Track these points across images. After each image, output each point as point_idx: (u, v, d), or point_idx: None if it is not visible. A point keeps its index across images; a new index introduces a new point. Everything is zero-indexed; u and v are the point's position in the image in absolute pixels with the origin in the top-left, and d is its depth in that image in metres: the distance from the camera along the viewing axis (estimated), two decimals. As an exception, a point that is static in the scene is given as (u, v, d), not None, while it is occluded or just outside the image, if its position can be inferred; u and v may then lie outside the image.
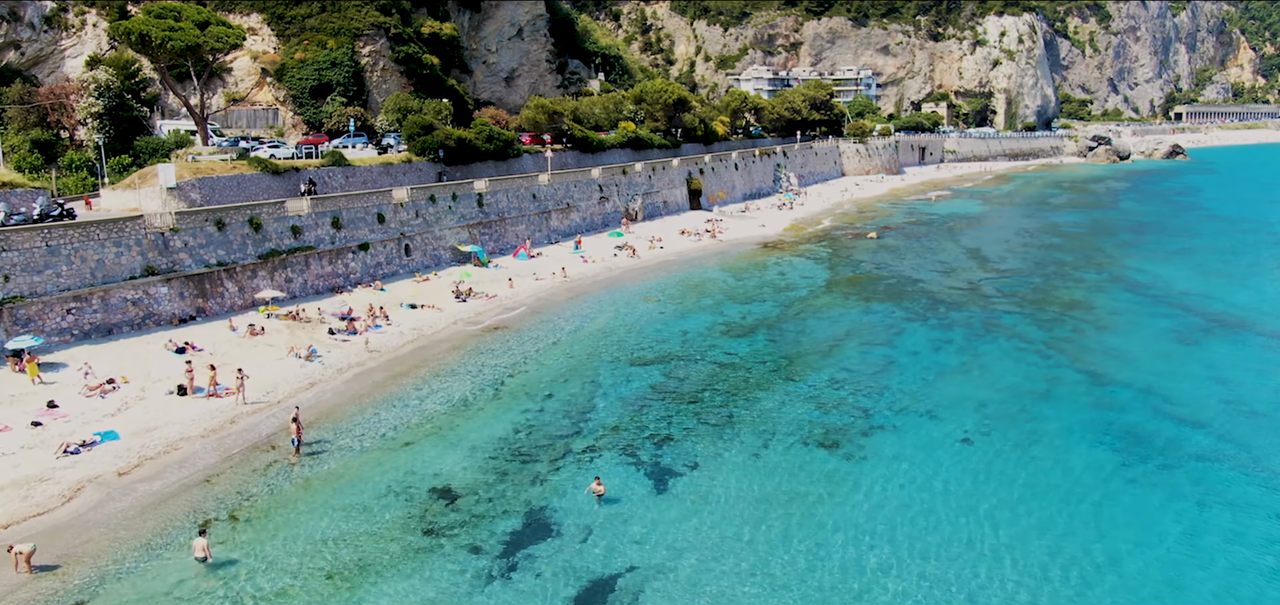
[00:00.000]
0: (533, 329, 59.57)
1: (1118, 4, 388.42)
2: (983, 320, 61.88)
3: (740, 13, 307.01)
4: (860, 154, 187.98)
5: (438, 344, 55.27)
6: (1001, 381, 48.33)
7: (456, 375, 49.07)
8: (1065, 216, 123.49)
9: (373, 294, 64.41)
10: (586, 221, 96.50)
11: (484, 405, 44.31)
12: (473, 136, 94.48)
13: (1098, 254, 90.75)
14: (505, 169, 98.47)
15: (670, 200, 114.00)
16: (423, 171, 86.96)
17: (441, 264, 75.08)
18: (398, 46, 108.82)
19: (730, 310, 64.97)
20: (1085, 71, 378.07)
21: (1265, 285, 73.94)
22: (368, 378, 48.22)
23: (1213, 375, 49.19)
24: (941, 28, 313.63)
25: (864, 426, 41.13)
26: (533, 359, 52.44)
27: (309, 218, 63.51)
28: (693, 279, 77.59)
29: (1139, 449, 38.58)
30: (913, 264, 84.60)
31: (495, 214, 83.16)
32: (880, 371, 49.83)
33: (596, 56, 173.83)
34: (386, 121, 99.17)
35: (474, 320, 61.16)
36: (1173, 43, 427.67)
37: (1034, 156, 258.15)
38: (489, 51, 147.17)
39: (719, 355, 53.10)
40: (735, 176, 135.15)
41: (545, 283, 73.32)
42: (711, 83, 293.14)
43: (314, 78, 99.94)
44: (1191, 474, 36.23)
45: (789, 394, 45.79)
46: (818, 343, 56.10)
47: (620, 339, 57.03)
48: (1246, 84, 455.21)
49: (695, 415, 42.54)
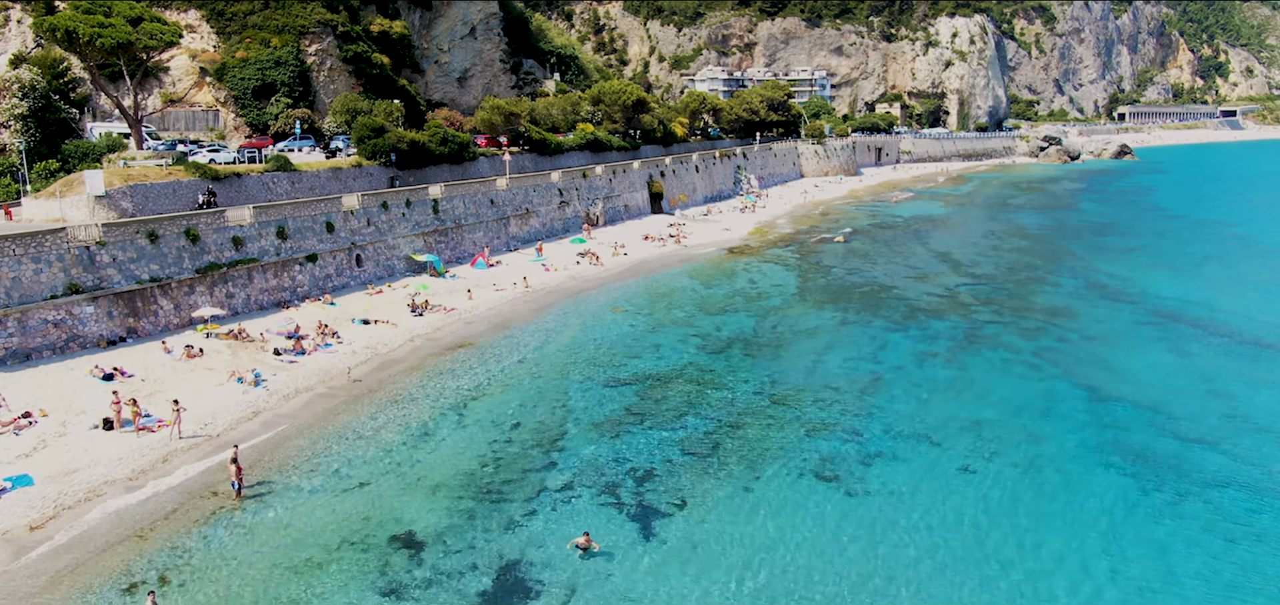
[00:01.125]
0: (495, 345, 55.88)
1: (1063, 6, 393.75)
2: (965, 330, 59.57)
3: (694, 13, 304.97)
4: (818, 155, 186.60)
5: (394, 364, 51.33)
6: (994, 398, 45.86)
7: (415, 400, 45.25)
8: (1028, 218, 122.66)
9: (322, 309, 60.16)
10: (546, 227, 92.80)
11: (447, 435, 40.58)
12: (426, 139, 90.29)
13: (1068, 257, 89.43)
14: (461, 173, 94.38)
15: (631, 204, 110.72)
16: (374, 176, 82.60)
17: (395, 275, 70.97)
18: (346, 45, 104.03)
19: (703, 322, 61.87)
20: (1032, 72, 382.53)
21: (1243, 290, 72.84)
22: (318, 405, 44.19)
23: (1209, 387, 47.24)
24: (894, 29, 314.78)
25: (859, 454, 38.22)
26: (497, 380, 48.78)
27: (252, 228, 59.06)
28: (660, 287, 74.40)
29: (1151, 474, 36.20)
30: (884, 269, 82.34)
31: (452, 221, 79.15)
32: (867, 390, 47.06)
33: (551, 56, 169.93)
34: (335, 123, 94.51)
35: (432, 337, 57.26)
36: (1115, 45, 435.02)
37: (987, 157, 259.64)
38: (441, 51, 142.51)
39: (696, 373, 49.91)
40: (696, 179, 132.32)
41: (506, 293, 69.59)
42: (666, 83, 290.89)
43: (257, 77, 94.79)
44: (1210, 503, 33.89)
45: (775, 417, 42.76)
46: (798, 358, 53.23)
47: (590, 355, 53.60)
48: (1185, 85, 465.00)
49: (678, 444, 39.29)
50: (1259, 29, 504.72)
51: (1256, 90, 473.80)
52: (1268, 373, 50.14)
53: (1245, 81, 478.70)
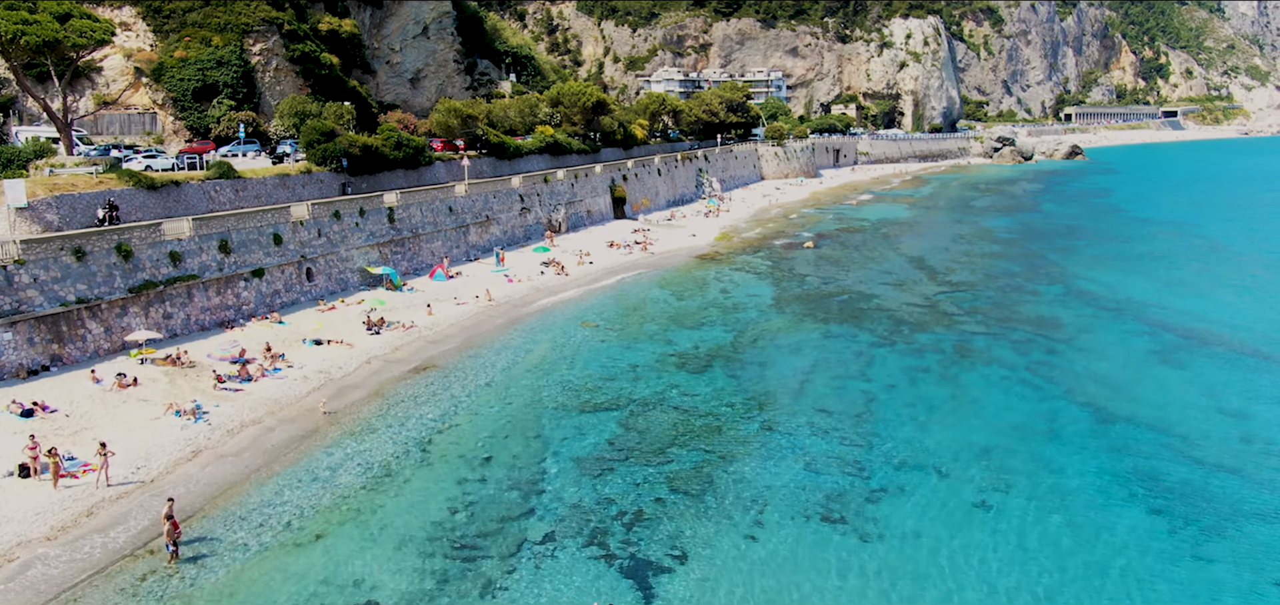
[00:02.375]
0: (460, 366, 51.97)
1: (1010, 8, 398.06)
2: (953, 344, 56.99)
3: (649, 13, 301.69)
4: (778, 157, 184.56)
5: (350, 390, 47.19)
6: (997, 420, 43.17)
7: (374, 432, 41.24)
8: (994, 221, 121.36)
9: (270, 328, 55.65)
10: (508, 235, 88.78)
11: (411, 474, 36.69)
12: (380, 143, 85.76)
13: (1042, 262, 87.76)
14: (416, 179, 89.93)
15: (594, 209, 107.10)
16: (324, 183, 77.95)
17: (349, 289, 66.58)
18: (292, 44, 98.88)
19: (679, 338, 58.53)
20: (981, 74, 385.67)
21: (1223, 296, 71.49)
22: (266, 440, 39.96)
23: (1216, 405, 45.08)
24: (849, 30, 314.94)
25: (865, 490, 35.12)
26: (464, 407, 44.93)
27: (191, 241, 54.37)
28: (630, 298, 70.95)
29: (1178, 508, 33.62)
30: (859, 277, 79.79)
31: (408, 230, 74.87)
32: (863, 414, 44.08)
33: (507, 56, 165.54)
34: (282, 127, 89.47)
35: (391, 358, 53.14)
36: (1061, 46, 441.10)
37: (943, 157, 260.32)
38: (392, 51, 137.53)
39: (678, 397, 46.52)
40: (659, 182, 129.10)
41: (468, 307, 65.60)
42: (621, 85, 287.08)
43: (197, 78, 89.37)
44: (1246, 539, 31.39)
45: (769, 448, 39.54)
46: (784, 378, 50.10)
47: (563, 377, 49.94)
48: (1128, 86, 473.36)
49: (667, 482, 35.84)
50: (1197, 31, 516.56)
51: (1195, 91, 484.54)
52: (1271, 388, 48.17)
53: (1185, 83, 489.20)
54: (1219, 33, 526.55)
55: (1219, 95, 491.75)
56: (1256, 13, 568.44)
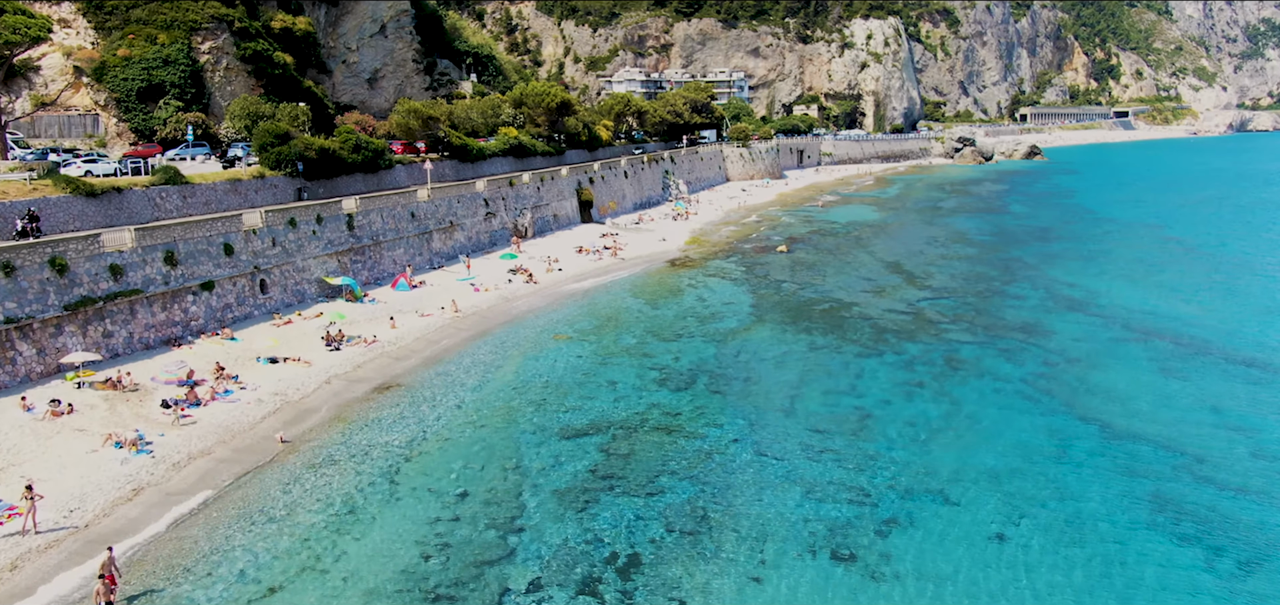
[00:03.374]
0: (427, 385, 48.71)
1: (966, 9, 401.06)
2: (942, 354, 54.87)
3: (609, 13, 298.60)
4: (743, 158, 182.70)
5: (308, 415, 43.75)
6: (999, 438, 40.95)
7: (336, 463, 37.91)
8: (965, 223, 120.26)
9: (221, 346, 51.90)
10: (472, 241, 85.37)
11: (377, 511, 33.48)
12: (337, 146, 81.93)
13: (1019, 265, 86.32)
14: (376, 183, 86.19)
15: (561, 213, 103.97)
16: (279, 189, 74.02)
17: (306, 301, 62.87)
18: (244, 42, 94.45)
19: (658, 351, 55.74)
20: (938, 74, 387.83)
21: (1207, 300, 70.39)
22: (216, 475, 36.46)
23: (1224, 420, 43.31)
24: (810, 30, 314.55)
25: (873, 522, 32.59)
26: (433, 432, 41.73)
27: (134, 253, 50.40)
28: (603, 308, 68.05)
29: (1207, 537, 31.53)
30: (837, 283, 77.66)
31: (369, 237, 71.22)
32: (859, 433, 41.63)
33: (468, 56, 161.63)
34: (233, 129, 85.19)
35: (353, 376, 49.72)
36: (1016, 47, 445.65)
37: (905, 158, 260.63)
38: (349, 50, 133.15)
39: (661, 418, 43.73)
40: (625, 185, 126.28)
41: (433, 319, 62.23)
42: (582, 85, 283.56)
43: (142, 78, 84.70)
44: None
45: (764, 475, 36.89)
46: (772, 394, 47.54)
47: (537, 397, 46.91)
48: (1081, 86, 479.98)
49: (660, 517, 33.02)
50: (1146, 33, 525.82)
51: (1145, 92, 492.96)
52: (1272, 399, 46.59)
53: (1136, 83, 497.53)
54: (1167, 34, 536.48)
55: (1168, 96, 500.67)
56: (1202, 15, 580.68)
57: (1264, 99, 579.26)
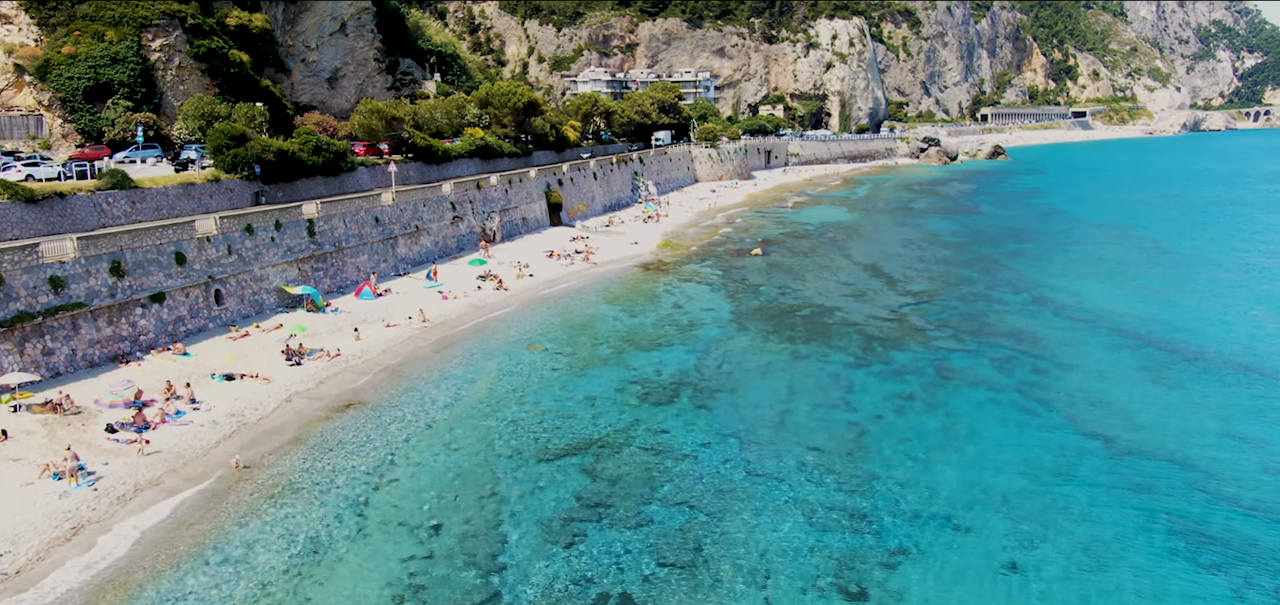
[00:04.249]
0: (395, 403, 45.85)
1: (927, 10, 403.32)
2: (932, 363, 53.04)
3: (574, 13, 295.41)
4: (712, 159, 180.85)
5: (267, 437, 40.73)
6: (1001, 455, 39.06)
7: (298, 492, 35.01)
8: (938, 224, 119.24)
9: (172, 362, 48.62)
10: (439, 246, 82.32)
11: (344, 550, 30.70)
12: (297, 148, 78.48)
13: (998, 268, 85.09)
14: (338, 186, 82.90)
15: (529, 216, 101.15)
16: (235, 193, 70.55)
17: (265, 312, 59.59)
18: (197, 40, 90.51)
19: (638, 362, 53.32)
20: (900, 75, 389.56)
21: (1190, 303, 69.44)
22: (166, 508, 33.41)
23: (1229, 431, 41.85)
24: (775, 30, 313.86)
25: (878, 552, 30.44)
26: (402, 456, 38.93)
27: (76, 264, 46.95)
28: (577, 316, 65.49)
29: (1234, 565, 29.79)
30: (816, 287, 75.78)
31: (331, 243, 68.00)
32: (854, 450, 39.52)
33: (431, 55, 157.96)
34: (186, 130, 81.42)
35: (315, 393, 46.74)
36: (976, 48, 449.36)
37: (871, 158, 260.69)
38: (308, 48, 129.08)
39: (646, 436, 41.31)
40: (595, 187, 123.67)
41: (400, 330, 59.29)
42: (547, 85, 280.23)
43: (89, 76, 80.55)
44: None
45: (761, 499, 34.60)
46: (760, 408, 45.31)
47: (513, 415, 44.27)
48: (1040, 87, 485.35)
49: (652, 549, 30.59)
50: (1102, 34, 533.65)
51: (1102, 92, 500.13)
52: (1274, 408, 45.29)
53: (1093, 84, 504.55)
54: (1122, 35, 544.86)
55: (1124, 96, 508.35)
56: (1155, 16, 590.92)
57: (1215, 99, 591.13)
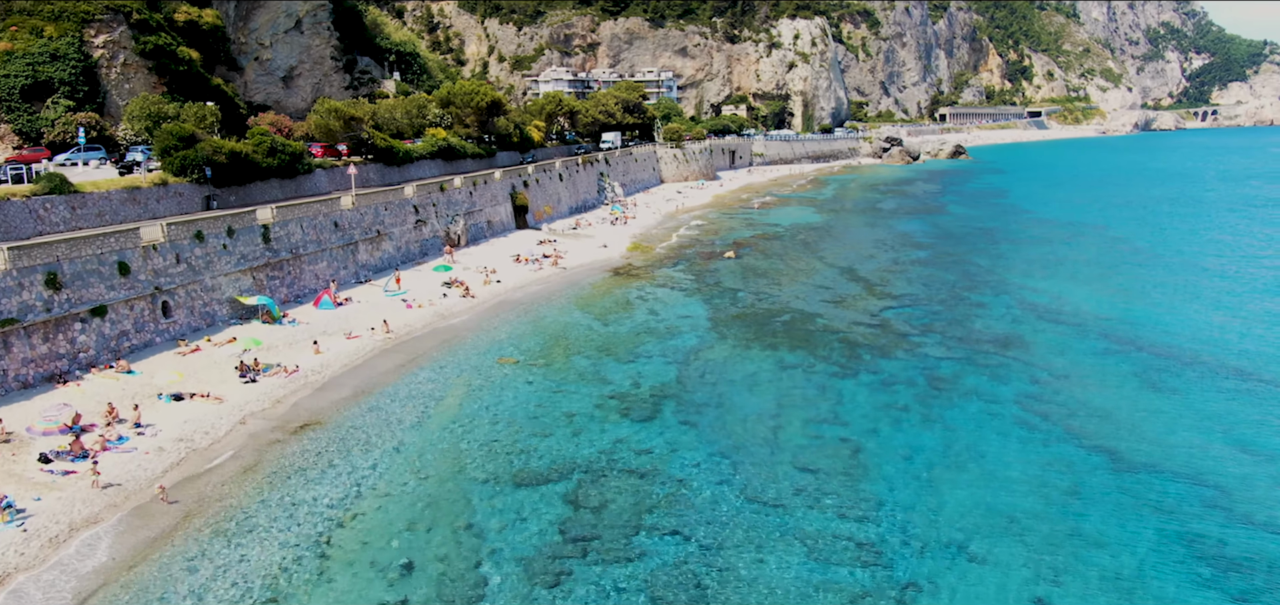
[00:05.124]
0: (358, 423, 42.75)
1: (886, 10, 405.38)
2: (921, 372, 51.06)
3: (534, 12, 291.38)
4: (677, 159, 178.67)
5: (220, 466, 37.48)
6: (1006, 474, 37.00)
7: (253, 529, 31.90)
8: (908, 225, 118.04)
9: (115, 382, 45.06)
10: (402, 252, 78.97)
11: (305, 597, 27.71)
12: (250, 149, 74.78)
13: (975, 269, 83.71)
14: (294, 190, 79.28)
15: (495, 219, 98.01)
16: (185, 197, 66.78)
17: (217, 325, 56.01)
18: (144, 36, 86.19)
19: (615, 374, 50.70)
20: (860, 75, 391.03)
21: (1173, 304, 68.43)
22: (105, 549, 30.16)
23: (1236, 442, 40.30)
24: (737, 30, 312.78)
25: (892, 590, 28.11)
26: (369, 484, 35.92)
27: (7, 277, 43.21)
28: (549, 325, 62.69)
29: (1266, 597, 27.94)
30: (793, 291, 73.72)
31: (287, 250, 64.48)
32: (853, 471, 37.25)
33: (390, 53, 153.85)
34: (132, 131, 77.32)
35: (271, 413, 43.50)
36: (934, 48, 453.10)
37: (835, 158, 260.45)
38: (262, 46, 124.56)
39: (631, 457, 38.70)
40: (561, 188, 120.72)
41: (362, 342, 56.08)
42: (508, 85, 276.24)
43: (27, 74, 76.03)
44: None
45: (759, 529, 32.13)
46: (749, 424, 42.90)
47: (486, 435, 41.41)
48: (996, 87, 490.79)
49: (645, 588, 27.98)
50: (1056, 35, 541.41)
51: (1057, 92, 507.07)
52: (1276, 416, 43.90)
53: (1047, 84, 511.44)
54: (1075, 36, 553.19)
55: (1078, 96, 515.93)
56: (1106, 17, 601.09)
57: (1165, 99, 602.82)
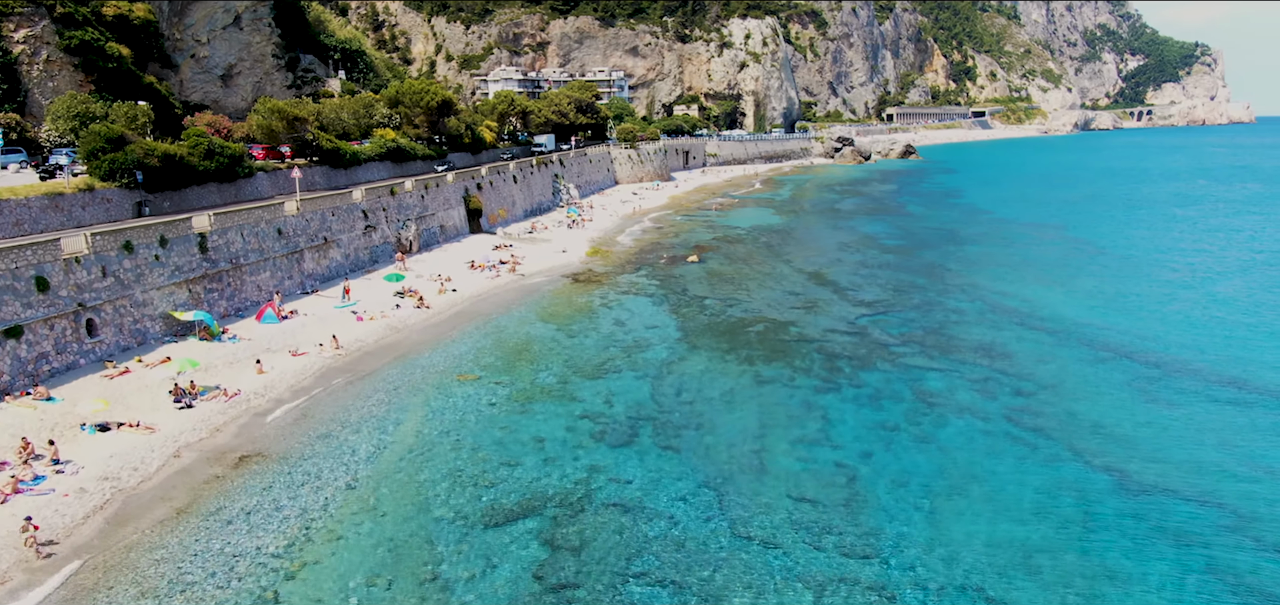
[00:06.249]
0: (307, 452, 38.90)
1: (833, 11, 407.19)
2: (906, 385, 48.63)
3: (483, 10, 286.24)
4: (632, 160, 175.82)
5: (149, 506, 33.45)
6: (1014, 502, 34.45)
7: (188, 587, 28.05)
8: (870, 226, 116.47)
9: (31, 411, 40.59)
10: (351, 260, 74.73)
11: (249, 668, 24.09)
12: (186, 151, 70.02)
13: (944, 273, 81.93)
14: (234, 195, 74.62)
15: (448, 224, 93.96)
16: (113, 203, 61.98)
17: (149, 343, 51.54)
18: (68, 31, 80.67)
19: (585, 393, 47.43)
20: (809, 75, 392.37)
21: (1154, 309, 67.06)
22: (12, 617, 26.20)
23: (1241, 459, 38.33)
24: (688, 30, 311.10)
25: (914, 638, 25.42)
26: (319, 526, 32.20)
27: (-93, 297, 38.68)
28: (510, 337, 59.15)
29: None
30: (763, 298, 71.10)
31: (227, 260, 60.02)
32: (851, 501, 34.44)
33: (334, 51, 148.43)
34: (56, 132, 72.10)
35: (208, 444, 39.44)
36: (880, 49, 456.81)
37: (788, 158, 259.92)
38: (198, 42, 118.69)
39: (610, 489, 35.47)
40: (515, 191, 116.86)
41: (309, 359, 52.06)
42: (456, 84, 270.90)
43: (-62, 71, 70.60)
44: None
45: (757, 571, 29.16)
46: (733, 448, 39.89)
47: (450, 465, 37.86)
48: (941, 87, 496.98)
49: (642, 649, 24.91)
50: (998, 36, 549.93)
51: (999, 92, 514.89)
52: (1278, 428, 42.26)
53: (991, 85, 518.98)
54: (1017, 38, 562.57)
55: (1020, 96, 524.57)
56: (1046, 19, 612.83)
57: (1102, 99, 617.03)
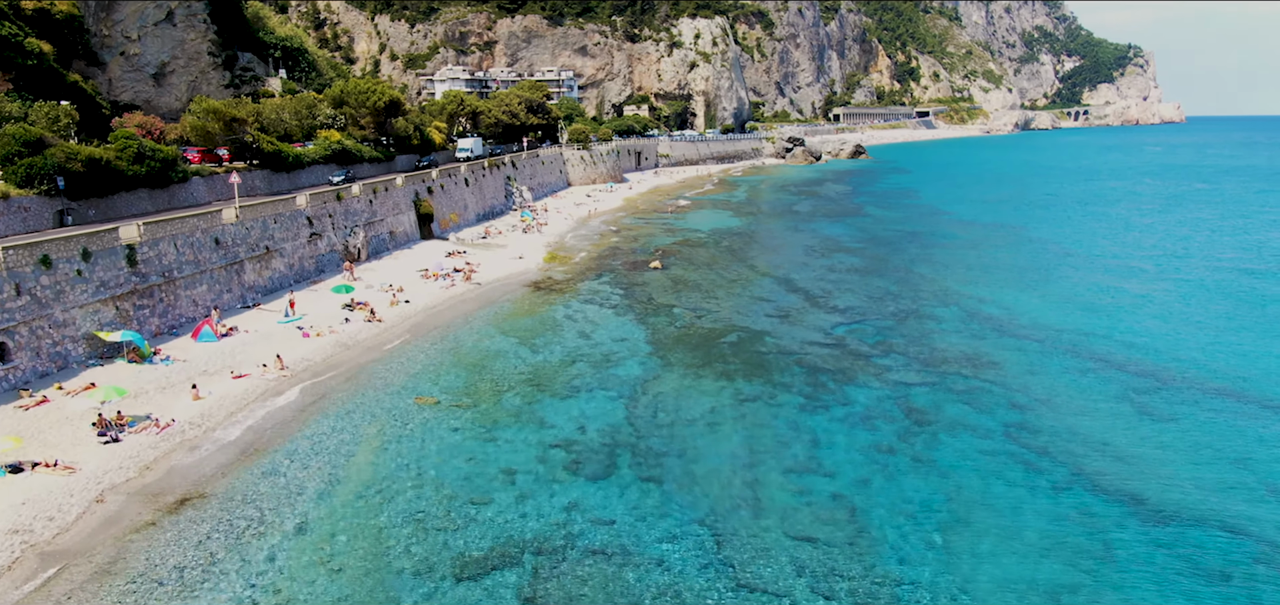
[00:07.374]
0: (249, 492, 34.83)
1: (779, 11, 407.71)
2: (895, 402, 46.03)
3: (428, 9, 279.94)
4: (585, 162, 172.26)
5: (68, 566, 29.22)
6: (1024, 532, 31.89)
7: (110, 665, 24.08)
8: (831, 228, 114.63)
9: (-69, 452, 35.91)
10: (295, 270, 70.14)
11: None
12: (114, 155, 64.92)
13: (914, 277, 79.99)
14: (167, 201, 69.58)
15: (398, 230, 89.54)
16: (31, 213, 56.82)
17: (70, 368, 46.80)
18: (-17, 25, 74.89)
19: (555, 416, 43.95)
20: (756, 75, 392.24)
21: (1133, 315, 65.67)
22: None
23: (1259, 480, 36.35)
24: (638, 29, 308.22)
25: (952, 705, 22.50)
26: (266, 584, 28.29)
27: None
28: (470, 353, 55.35)
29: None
30: (733, 306, 68.25)
31: (159, 273, 55.25)
32: (856, 540, 31.46)
33: (274, 49, 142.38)
34: (-33, 135, 66.21)
35: (139, 485, 35.15)
36: (826, 50, 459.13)
37: (739, 158, 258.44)
38: (128, 39, 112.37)
39: (593, 531, 32.02)
40: (467, 194, 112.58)
41: (251, 381, 47.76)
42: (402, 84, 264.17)
43: None
44: None
45: (767, 623, 26.17)
46: (722, 478, 36.69)
47: (411, 504, 34.10)
48: (886, 87, 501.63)
49: None
50: (940, 38, 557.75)
51: (942, 93, 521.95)
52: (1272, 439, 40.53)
53: (934, 85, 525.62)
54: (958, 39, 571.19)
55: (962, 97, 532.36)
56: (985, 21, 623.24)
57: (1040, 100, 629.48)
